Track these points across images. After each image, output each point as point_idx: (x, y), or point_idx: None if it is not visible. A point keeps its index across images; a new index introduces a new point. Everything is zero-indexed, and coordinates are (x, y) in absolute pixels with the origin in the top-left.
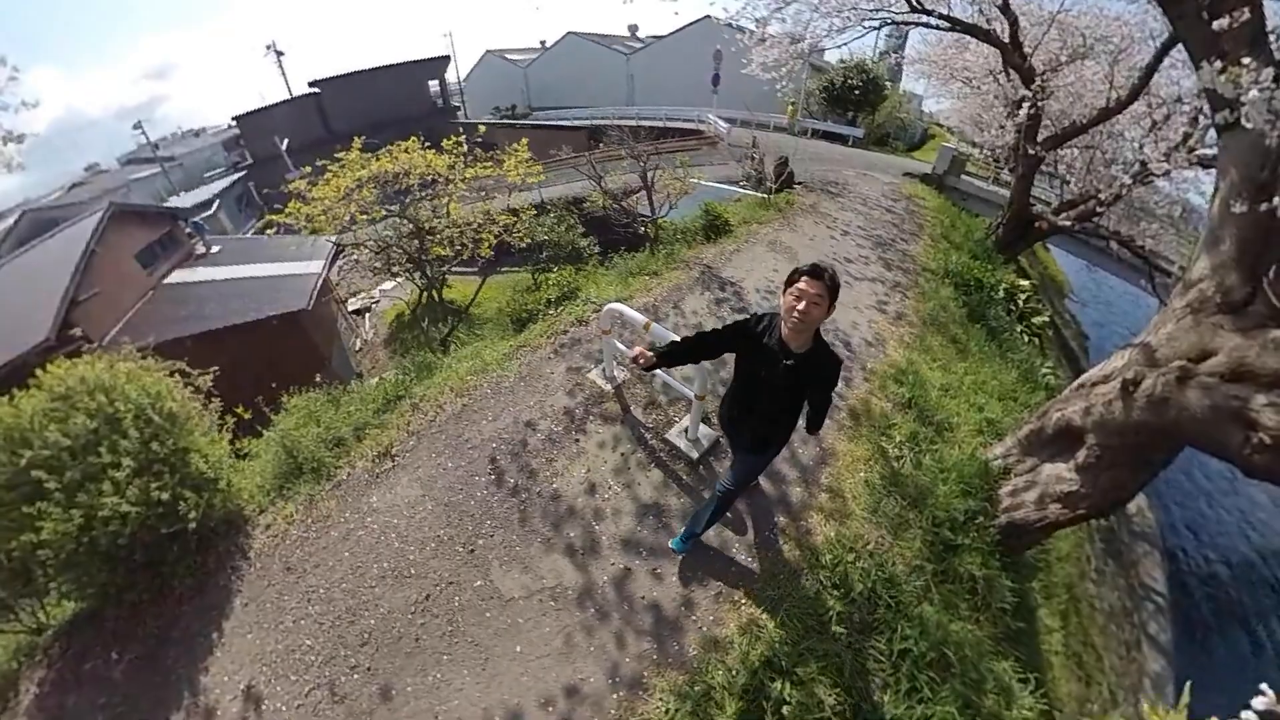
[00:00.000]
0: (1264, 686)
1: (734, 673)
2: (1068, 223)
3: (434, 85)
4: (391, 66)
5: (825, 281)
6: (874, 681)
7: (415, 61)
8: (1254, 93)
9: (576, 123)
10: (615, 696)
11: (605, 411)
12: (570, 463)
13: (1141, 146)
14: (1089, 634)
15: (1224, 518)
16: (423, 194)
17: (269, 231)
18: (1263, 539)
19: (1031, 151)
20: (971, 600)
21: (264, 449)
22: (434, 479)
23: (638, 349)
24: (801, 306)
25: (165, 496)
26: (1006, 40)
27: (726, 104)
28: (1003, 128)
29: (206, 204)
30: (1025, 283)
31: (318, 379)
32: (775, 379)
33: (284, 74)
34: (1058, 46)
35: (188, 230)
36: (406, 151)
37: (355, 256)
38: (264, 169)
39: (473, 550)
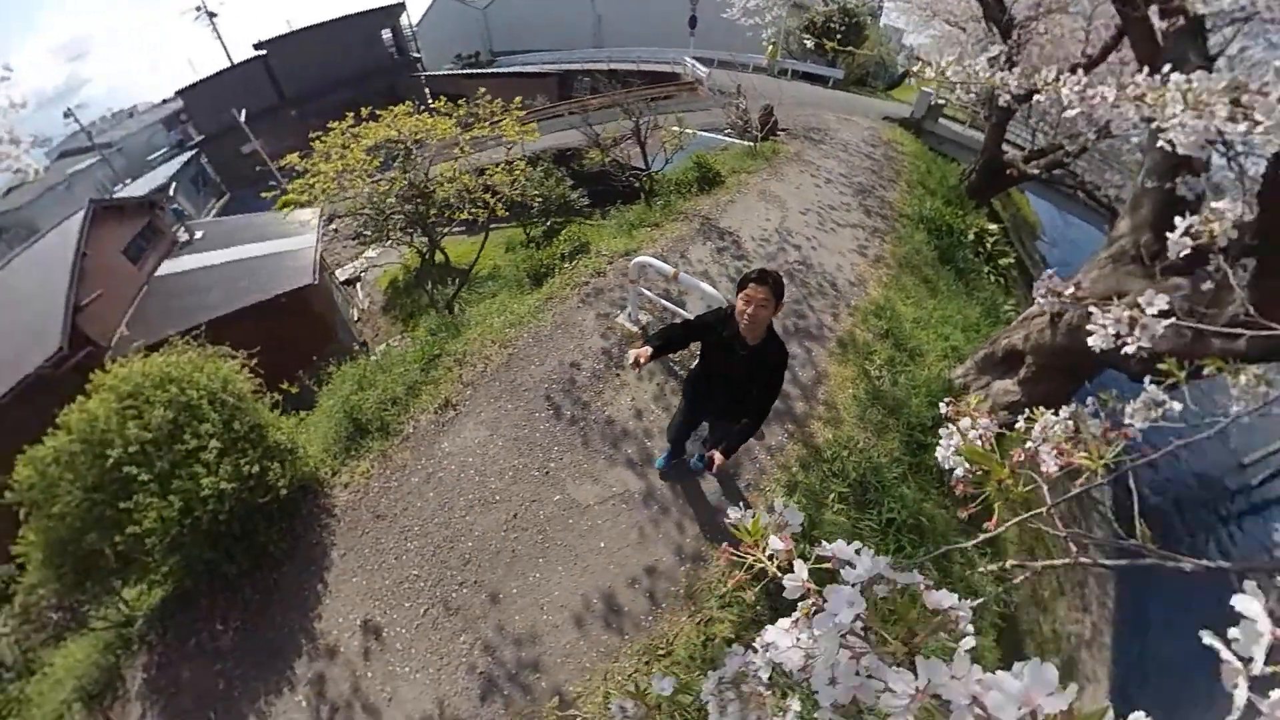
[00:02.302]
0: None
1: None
2: (1036, 171)
3: (388, 36)
4: (342, 19)
5: (770, 286)
6: (869, 545)
7: (366, 12)
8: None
9: (545, 68)
10: (683, 569)
11: None
12: (616, 394)
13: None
14: (1041, 533)
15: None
16: (423, 157)
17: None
18: (1201, 464)
19: (1003, 104)
20: (939, 488)
21: (322, 417)
22: (498, 420)
23: (634, 353)
24: (750, 310)
25: (254, 470)
26: None
27: (703, 45)
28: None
29: (162, 189)
30: (994, 227)
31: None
32: (734, 367)
33: (220, 39)
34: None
35: (168, 219)
36: (407, 116)
37: (334, 226)
38: (216, 144)
39: (547, 472)
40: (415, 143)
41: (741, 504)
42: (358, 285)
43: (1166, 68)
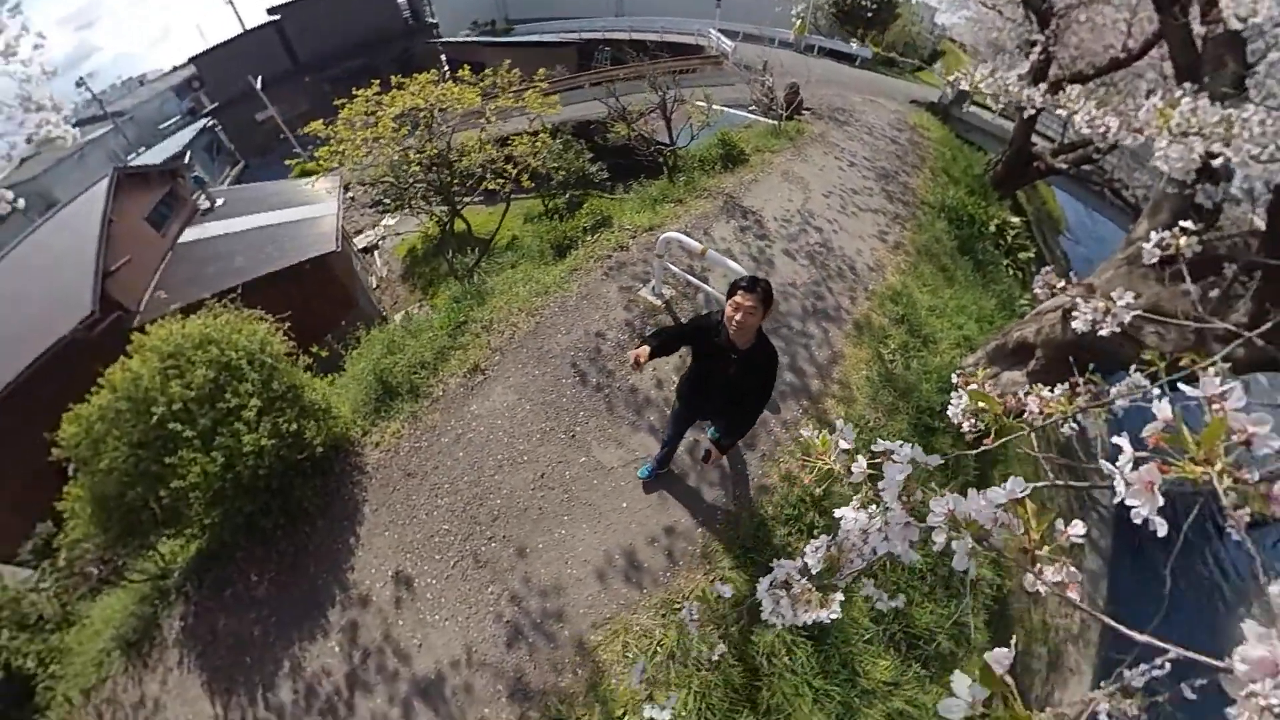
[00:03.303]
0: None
1: (779, 506)
2: (1064, 166)
3: (403, 1)
4: None
5: (758, 294)
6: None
7: None
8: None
9: (564, 37)
10: (699, 531)
11: (659, 322)
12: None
13: (1149, 94)
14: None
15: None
16: (447, 125)
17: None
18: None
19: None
20: (943, 471)
21: (351, 380)
22: (526, 385)
23: (633, 353)
24: (739, 317)
25: (292, 428)
26: None
27: (729, 17)
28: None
29: (177, 157)
30: (1016, 220)
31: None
32: (725, 370)
33: (233, 3)
34: None
35: (189, 186)
36: (432, 85)
37: (352, 195)
38: (229, 112)
39: (573, 435)
40: (440, 111)
41: (811, 426)
42: (375, 253)
43: (1180, 92)
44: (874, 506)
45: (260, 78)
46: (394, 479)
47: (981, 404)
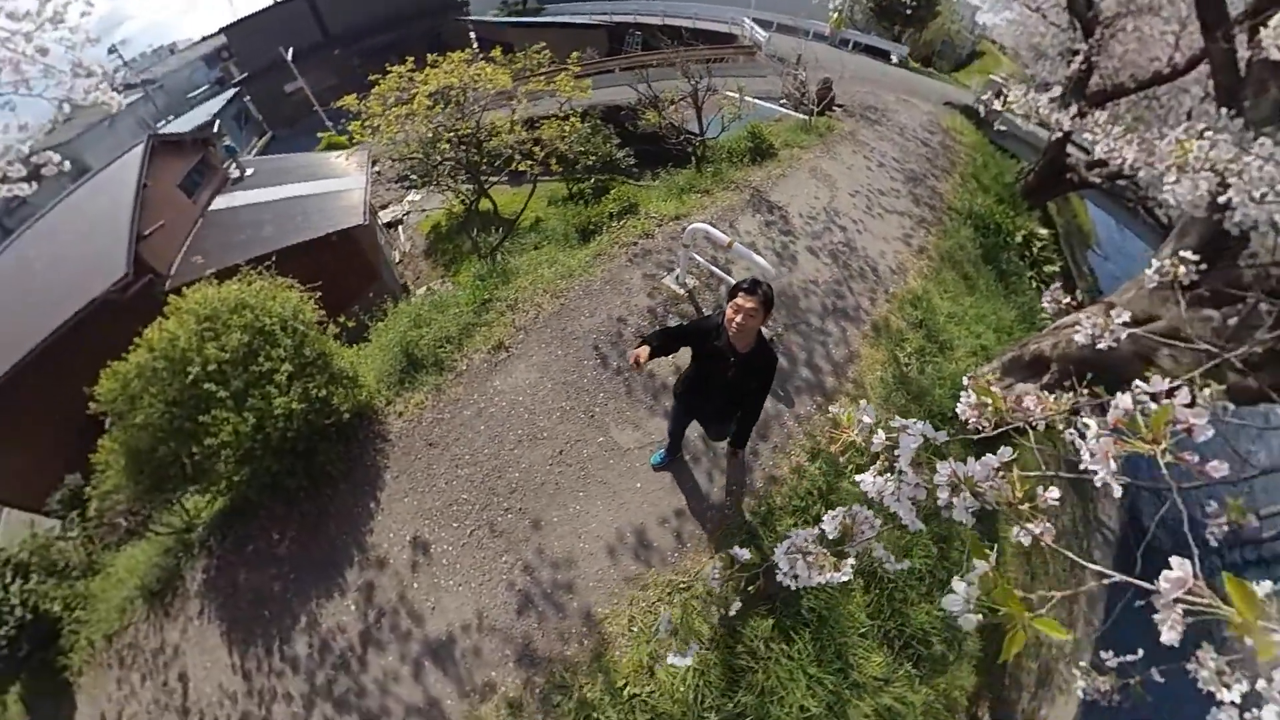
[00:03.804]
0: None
1: (788, 497)
2: (1098, 180)
3: None
4: None
5: (759, 297)
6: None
7: None
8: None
9: (595, 19)
10: (709, 514)
11: (681, 311)
12: None
13: (1190, 114)
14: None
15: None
16: (478, 105)
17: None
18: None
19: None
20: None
21: (376, 351)
22: (548, 364)
23: (634, 353)
24: (739, 319)
25: (321, 394)
26: None
27: (764, 6)
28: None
29: (206, 126)
30: (1044, 232)
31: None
32: (725, 373)
33: None
34: None
35: (220, 155)
36: (465, 65)
37: (378, 169)
38: (258, 82)
39: (592, 416)
40: (474, 90)
41: (839, 403)
42: (399, 228)
43: (1203, 125)
44: (889, 475)
45: (291, 49)
46: (416, 447)
47: (984, 397)
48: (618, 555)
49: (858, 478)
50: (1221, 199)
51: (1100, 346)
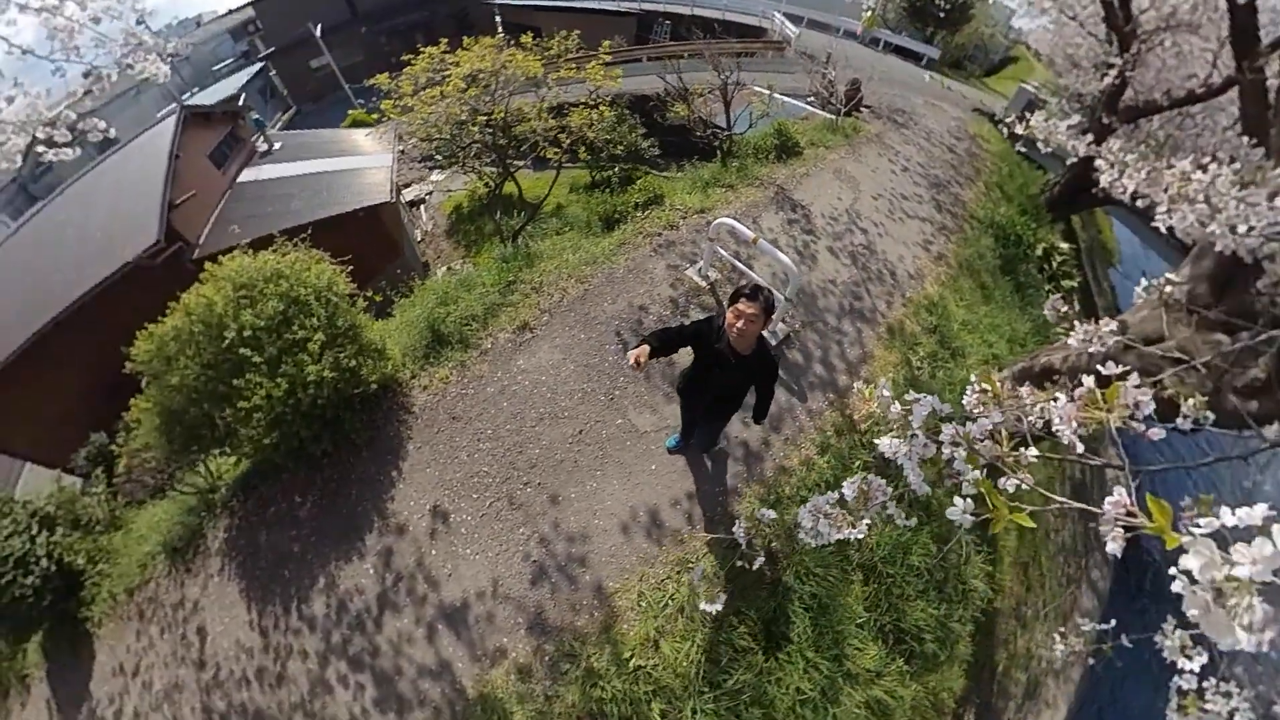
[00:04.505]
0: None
1: (796, 488)
2: (1124, 195)
3: None
4: None
5: (760, 303)
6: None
7: None
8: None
9: (624, 7)
10: (719, 499)
11: (702, 303)
12: None
13: (1225, 130)
14: (1039, 554)
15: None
16: (507, 90)
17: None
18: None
19: (1107, 121)
20: (956, 487)
21: (402, 326)
22: (571, 346)
23: (633, 353)
24: (740, 324)
25: (351, 364)
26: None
27: (795, 1)
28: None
29: (231, 99)
30: (1066, 246)
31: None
32: (724, 375)
33: None
34: (1169, 11)
35: (249, 128)
36: (496, 50)
37: (402, 148)
38: (285, 57)
39: (612, 399)
40: (503, 74)
41: (860, 380)
42: (422, 208)
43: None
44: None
45: (320, 26)
46: (439, 420)
47: (985, 385)
48: (630, 533)
49: (878, 441)
50: (1207, 229)
51: (1091, 351)
